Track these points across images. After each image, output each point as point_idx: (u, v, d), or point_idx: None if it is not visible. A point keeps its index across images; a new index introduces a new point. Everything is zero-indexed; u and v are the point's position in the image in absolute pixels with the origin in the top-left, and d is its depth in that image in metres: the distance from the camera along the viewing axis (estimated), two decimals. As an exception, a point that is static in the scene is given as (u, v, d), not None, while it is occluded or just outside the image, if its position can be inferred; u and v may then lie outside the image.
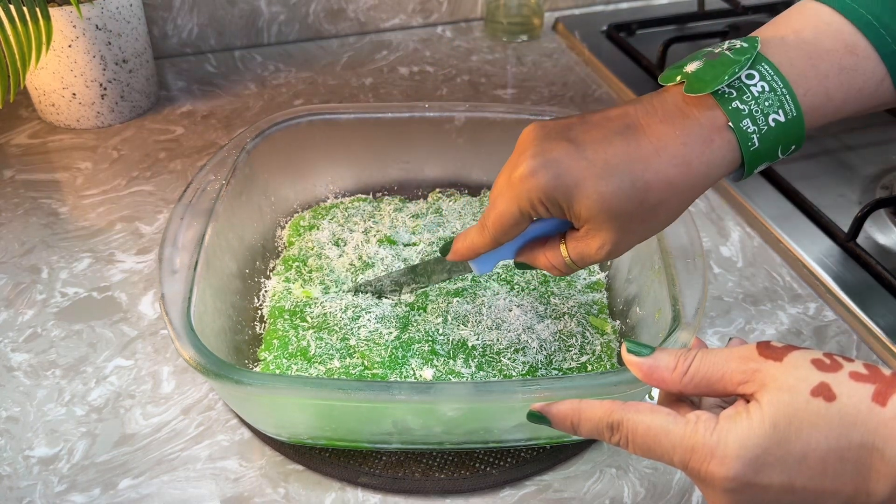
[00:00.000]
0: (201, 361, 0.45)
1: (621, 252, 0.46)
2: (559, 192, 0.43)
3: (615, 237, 0.44)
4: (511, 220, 0.46)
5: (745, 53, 0.42)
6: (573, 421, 0.42)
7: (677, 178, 0.42)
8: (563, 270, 0.48)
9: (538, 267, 0.49)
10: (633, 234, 0.45)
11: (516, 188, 0.44)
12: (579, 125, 0.44)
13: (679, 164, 0.42)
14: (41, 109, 0.84)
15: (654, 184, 0.42)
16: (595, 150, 0.43)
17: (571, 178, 0.42)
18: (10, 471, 0.51)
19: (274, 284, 0.61)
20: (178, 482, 0.51)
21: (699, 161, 0.42)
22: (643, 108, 0.44)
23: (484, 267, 0.52)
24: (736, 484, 0.36)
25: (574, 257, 0.47)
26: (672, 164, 0.42)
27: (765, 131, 0.42)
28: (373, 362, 0.54)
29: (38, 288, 0.65)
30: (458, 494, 0.51)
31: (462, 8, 1.06)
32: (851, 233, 0.68)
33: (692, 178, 0.42)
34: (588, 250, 0.46)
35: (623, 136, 0.43)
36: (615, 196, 0.42)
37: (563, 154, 0.43)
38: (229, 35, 0.98)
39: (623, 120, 0.43)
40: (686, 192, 0.43)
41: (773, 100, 0.42)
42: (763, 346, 0.38)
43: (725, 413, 0.37)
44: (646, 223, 0.44)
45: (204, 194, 0.57)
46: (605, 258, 0.46)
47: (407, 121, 0.68)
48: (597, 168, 0.42)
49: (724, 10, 1.04)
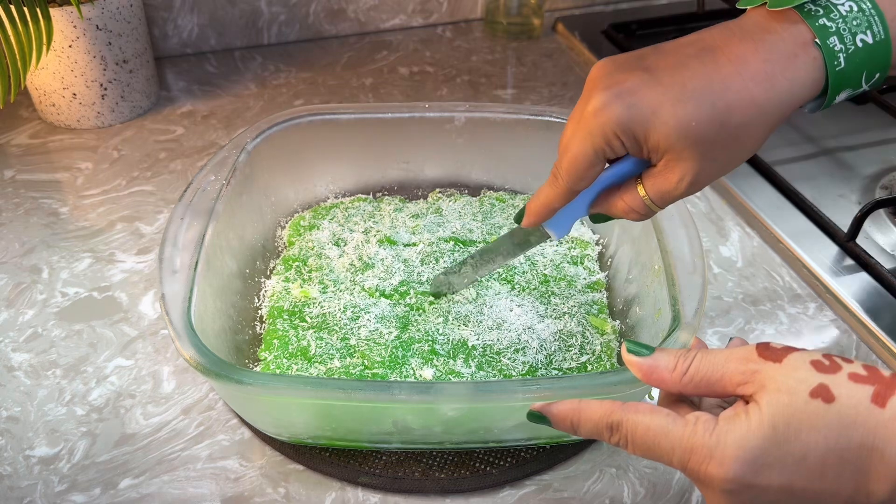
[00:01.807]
0: (202, 361, 0.45)
1: (702, 185, 0.43)
2: (635, 122, 0.41)
3: (696, 167, 0.42)
4: (586, 162, 0.43)
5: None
6: (573, 421, 0.42)
7: (760, 96, 0.40)
8: (643, 213, 0.45)
9: (615, 214, 0.47)
10: (715, 163, 0.42)
11: (589, 125, 0.42)
12: (652, 54, 0.42)
13: (761, 82, 0.40)
14: (42, 109, 0.84)
15: (736, 104, 0.40)
16: (671, 75, 0.41)
17: (647, 106, 0.40)
18: (11, 470, 0.51)
19: (273, 284, 0.61)
20: (179, 482, 0.51)
21: (783, 77, 0.40)
22: (720, 31, 0.41)
23: (560, 229, 0.49)
24: (735, 485, 0.36)
25: (654, 196, 0.44)
26: (754, 81, 0.40)
27: (852, 51, 0.40)
28: (373, 362, 0.54)
29: (38, 288, 0.65)
30: (458, 494, 0.51)
31: (462, 8, 1.06)
32: (851, 233, 0.68)
33: (775, 96, 0.40)
34: (667, 185, 0.43)
35: (699, 58, 0.41)
36: (695, 119, 0.40)
37: (637, 83, 0.41)
38: (229, 35, 0.98)
39: (699, 44, 0.41)
40: (769, 114, 0.41)
41: (862, 20, 0.40)
42: (762, 348, 0.38)
43: (724, 414, 0.37)
44: (728, 149, 0.41)
45: (204, 194, 0.57)
46: (685, 192, 0.43)
47: (407, 121, 0.68)
48: (673, 93, 0.40)
49: (724, 10, 1.04)
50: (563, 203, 0.46)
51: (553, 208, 0.47)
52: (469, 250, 0.64)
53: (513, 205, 0.69)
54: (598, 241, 0.66)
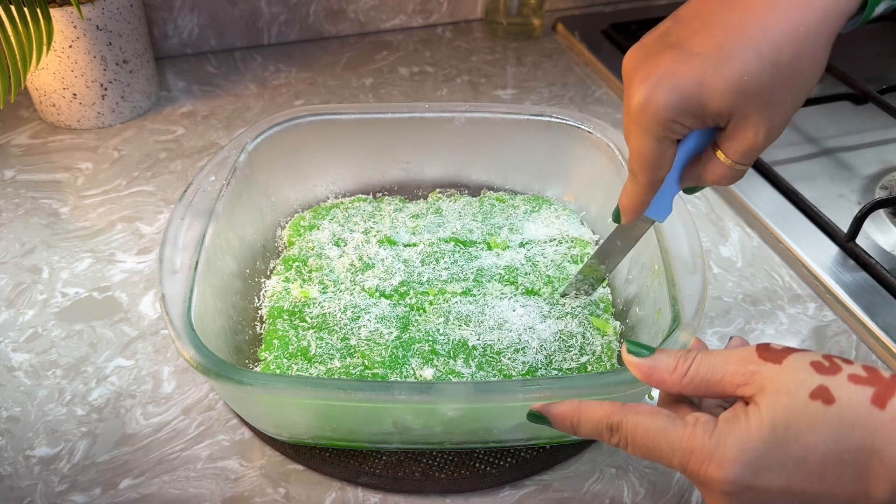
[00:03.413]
0: (202, 361, 0.45)
1: (780, 129, 0.41)
2: (685, 102, 0.40)
3: (764, 114, 0.40)
4: (654, 155, 0.42)
5: None
6: (573, 421, 0.42)
7: (801, 22, 0.38)
8: (732, 176, 0.44)
9: (707, 183, 0.45)
10: (784, 104, 0.40)
11: (640, 121, 0.41)
12: (674, 26, 0.41)
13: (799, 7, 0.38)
14: (42, 110, 0.84)
15: (780, 40, 0.38)
16: (701, 40, 0.39)
17: (691, 82, 0.39)
18: (11, 471, 0.51)
19: (273, 284, 0.61)
20: (179, 482, 0.51)
21: None
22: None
23: (661, 212, 0.49)
24: (734, 487, 0.36)
25: (736, 157, 0.42)
26: (790, 8, 0.38)
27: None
28: (373, 362, 0.54)
29: (38, 288, 0.65)
30: (458, 494, 0.51)
31: (462, 8, 1.06)
32: (851, 233, 0.68)
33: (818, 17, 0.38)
34: (745, 144, 0.41)
35: (723, 8, 0.39)
36: (745, 73, 0.38)
37: (671, 63, 0.40)
38: (230, 35, 0.98)
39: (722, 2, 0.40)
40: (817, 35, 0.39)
41: None
42: (762, 349, 0.38)
43: (724, 416, 0.37)
44: (790, 86, 0.40)
45: (204, 194, 0.57)
46: (766, 143, 0.41)
47: (407, 121, 0.68)
48: (713, 58, 0.39)
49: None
50: (652, 194, 0.46)
51: (643, 202, 0.46)
52: (469, 251, 0.64)
53: (512, 205, 0.69)
54: (598, 241, 0.66)
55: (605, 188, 0.66)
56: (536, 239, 0.65)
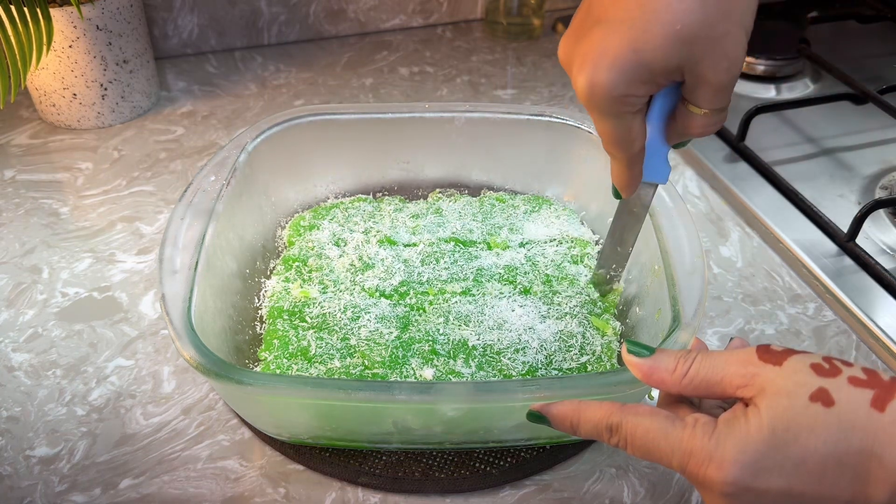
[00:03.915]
0: (202, 361, 0.45)
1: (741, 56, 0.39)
2: (628, 74, 0.39)
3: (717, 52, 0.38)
4: (621, 133, 0.42)
5: None
6: (573, 421, 0.42)
7: None
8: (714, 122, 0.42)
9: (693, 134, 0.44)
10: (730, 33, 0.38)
11: (593, 105, 0.40)
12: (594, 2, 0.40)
13: None
14: (42, 110, 0.84)
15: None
16: (622, 7, 0.38)
17: (626, 51, 0.38)
18: (11, 471, 0.51)
19: (273, 284, 0.61)
20: (179, 482, 0.51)
21: None
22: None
23: (659, 174, 0.48)
24: (734, 489, 0.36)
25: (707, 105, 0.41)
26: None
27: None
28: (373, 362, 0.54)
29: (38, 288, 0.65)
30: (458, 494, 0.51)
31: (462, 8, 1.06)
32: (851, 233, 0.68)
33: None
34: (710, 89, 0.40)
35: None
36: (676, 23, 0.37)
37: (601, 40, 0.39)
38: (230, 35, 0.98)
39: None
40: None
41: None
42: (763, 350, 0.38)
43: (724, 417, 0.37)
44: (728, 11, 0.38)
45: (204, 194, 0.57)
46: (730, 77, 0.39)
47: (407, 121, 0.68)
48: (637, 19, 0.38)
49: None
50: (639, 165, 0.45)
51: (633, 175, 0.46)
52: (469, 251, 0.64)
53: (512, 205, 0.69)
54: (598, 241, 0.66)
55: (605, 188, 0.65)
56: (536, 239, 0.65)
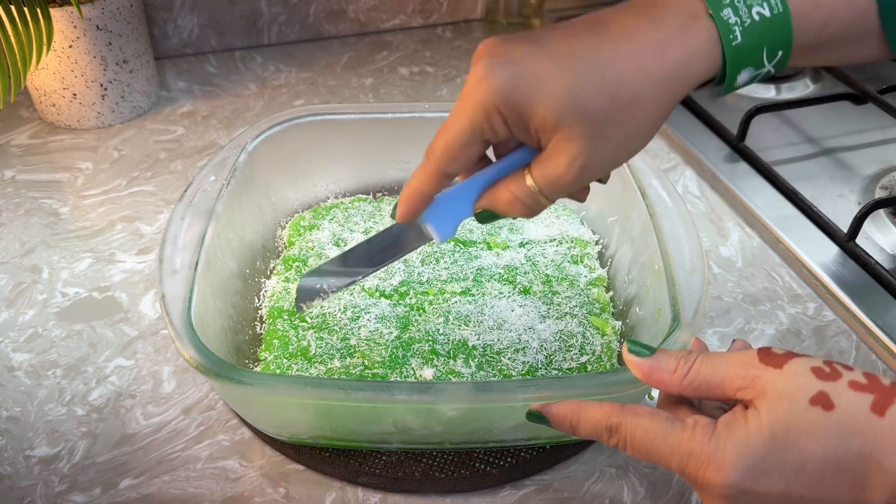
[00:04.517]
0: (202, 361, 0.45)
1: (595, 170, 0.40)
2: (518, 92, 0.38)
3: (587, 146, 0.38)
4: (461, 139, 0.40)
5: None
6: (572, 422, 0.42)
7: (652, 66, 0.38)
8: (530, 205, 0.41)
9: (499, 209, 0.43)
10: (608, 143, 0.39)
11: (468, 98, 0.39)
12: (544, 30, 0.40)
13: (653, 52, 0.38)
14: (42, 110, 0.84)
15: (626, 74, 0.38)
16: (559, 44, 0.38)
17: (532, 75, 0.38)
18: (11, 470, 0.51)
19: (273, 284, 0.61)
20: (179, 482, 0.51)
21: (675, 48, 0.38)
22: (614, 8, 0.40)
23: (444, 230, 0.44)
24: (733, 491, 0.36)
25: (542, 183, 0.40)
26: (645, 48, 0.38)
27: (748, 25, 0.38)
28: (373, 362, 0.54)
29: (38, 288, 0.65)
30: (458, 494, 0.51)
31: (462, 8, 1.06)
32: (851, 233, 0.68)
33: (668, 67, 0.38)
34: (557, 170, 0.39)
35: (590, 30, 0.39)
36: (583, 89, 0.37)
37: (522, 52, 0.38)
38: (230, 35, 0.98)
39: (590, 18, 0.40)
40: (663, 86, 0.38)
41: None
42: (764, 353, 0.38)
43: (724, 419, 0.37)
44: (622, 127, 0.39)
45: (204, 194, 0.57)
46: (577, 178, 0.39)
47: (407, 121, 0.68)
48: (561, 61, 0.38)
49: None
50: (435, 187, 0.42)
51: (425, 194, 0.42)
52: (469, 251, 0.64)
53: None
54: (598, 241, 0.66)
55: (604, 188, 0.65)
56: (536, 239, 0.65)
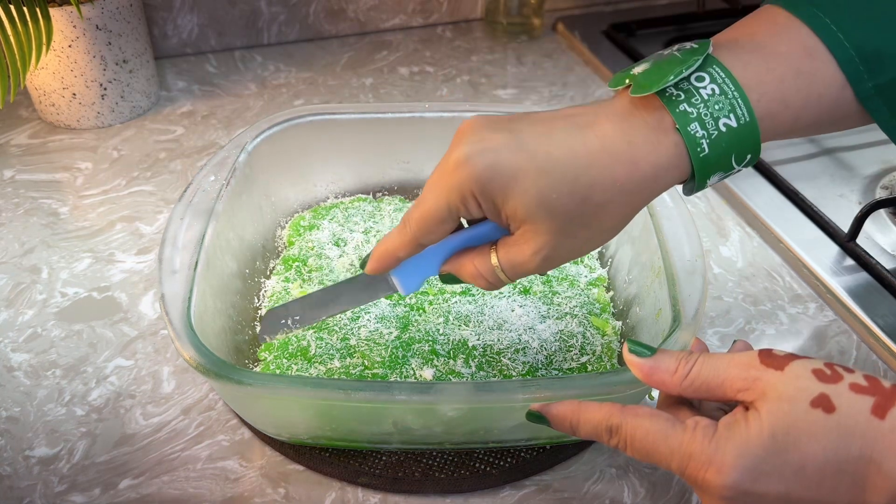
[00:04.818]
0: (201, 361, 0.45)
1: (558, 261, 0.42)
2: (494, 183, 0.40)
3: (553, 241, 0.41)
4: (437, 216, 0.42)
5: (695, 54, 0.39)
6: (572, 422, 0.42)
7: (623, 177, 0.39)
8: (491, 281, 0.44)
9: (463, 278, 0.45)
10: (574, 240, 0.41)
11: (447, 178, 0.41)
12: (523, 119, 0.41)
13: (625, 163, 0.39)
14: (41, 109, 0.84)
15: (598, 182, 0.39)
16: (537, 141, 0.40)
17: (509, 169, 0.39)
18: (10, 471, 0.51)
19: (273, 284, 0.61)
20: (178, 482, 0.51)
21: (646, 162, 0.39)
22: (591, 109, 0.41)
23: (409, 284, 0.47)
24: (733, 492, 0.36)
25: (505, 265, 0.43)
26: (618, 161, 0.39)
27: (715, 136, 0.39)
28: (373, 362, 0.54)
29: (38, 288, 0.65)
30: (458, 494, 0.51)
31: (462, 8, 1.06)
32: (851, 233, 0.68)
33: (639, 179, 0.40)
34: (521, 256, 0.42)
35: (568, 131, 0.40)
36: (556, 192, 0.39)
37: (502, 144, 0.40)
38: (229, 35, 0.98)
39: (569, 119, 0.41)
40: (633, 195, 0.40)
41: (724, 103, 0.39)
42: (764, 354, 0.38)
43: (724, 420, 0.37)
44: (588, 227, 0.41)
45: (204, 194, 0.57)
46: (539, 266, 0.42)
47: (407, 121, 0.68)
48: (538, 160, 0.39)
49: (724, 10, 1.04)
50: (408, 254, 0.44)
51: (398, 257, 0.45)
52: None
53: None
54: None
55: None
56: (536, 239, 0.65)
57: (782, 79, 0.39)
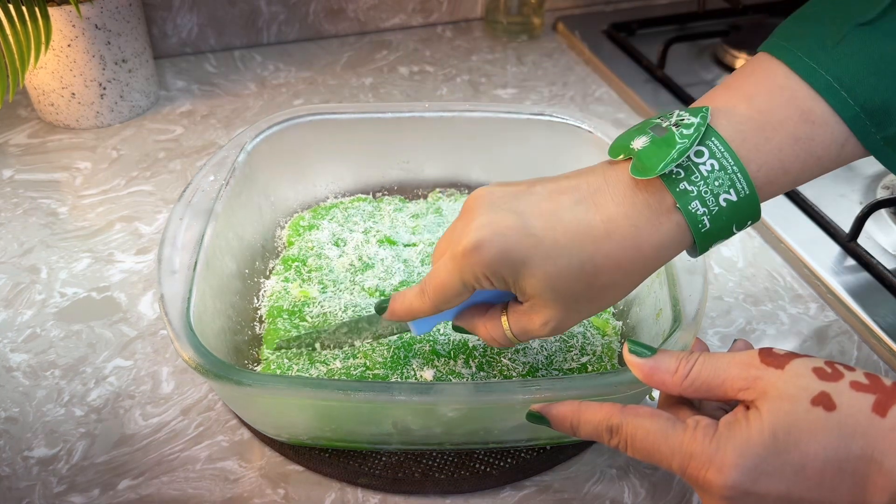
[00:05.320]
0: (201, 362, 0.45)
1: (565, 329, 0.44)
2: (505, 268, 0.41)
3: (560, 315, 0.43)
4: (453, 292, 0.44)
5: (693, 129, 0.39)
6: (573, 422, 0.42)
7: (627, 261, 0.41)
8: (503, 343, 0.47)
9: (476, 335, 0.48)
10: (579, 313, 0.43)
11: (459, 261, 0.42)
12: (529, 195, 0.42)
13: (629, 248, 0.40)
14: (40, 109, 0.84)
15: (604, 266, 0.41)
16: (544, 226, 0.41)
17: (518, 255, 0.41)
18: (10, 471, 0.51)
19: (273, 285, 0.61)
20: (178, 483, 0.51)
21: (649, 244, 0.40)
22: (595, 182, 0.42)
23: (422, 327, 0.50)
24: (733, 492, 0.36)
25: (516, 331, 0.45)
26: (622, 246, 0.40)
27: (716, 212, 0.39)
28: (374, 362, 0.54)
29: (37, 288, 0.65)
30: (458, 494, 0.51)
31: (462, 8, 1.06)
32: (852, 233, 0.68)
33: (642, 260, 0.41)
34: (531, 325, 0.44)
35: (573, 211, 0.41)
36: (563, 276, 0.41)
37: (511, 228, 0.41)
38: (229, 35, 0.98)
39: (574, 194, 0.42)
40: (636, 274, 0.42)
41: (724, 178, 0.39)
42: (765, 353, 0.38)
43: (725, 420, 0.37)
44: (593, 303, 0.43)
45: (203, 194, 0.57)
46: (548, 335, 0.44)
47: (407, 121, 0.68)
48: (545, 247, 0.41)
49: (725, 9, 1.04)
50: (427, 315, 0.47)
51: (415, 316, 0.48)
52: None
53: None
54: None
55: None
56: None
57: (780, 147, 0.40)
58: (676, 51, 0.96)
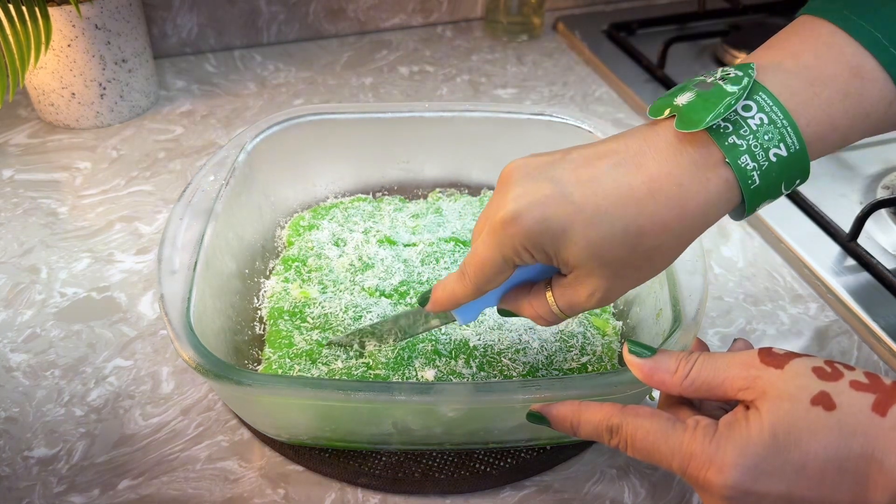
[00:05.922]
0: (201, 362, 0.45)
1: (614, 299, 0.43)
2: (545, 238, 0.40)
3: (606, 284, 0.41)
4: (494, 269, 0.42)
5: (740, 83, 0.38)
6: (573, 422, 0.42)
7: (672, 221, 0.39)
8: (551, 320, 0.45)
9: (523, 316, 0.46)
10: (627, 280, 0.42)
11: (498, 234, 0.41)
12: (565, 163, 0.41)
13: (674, 207, 0.39)
14: (40, 109, 0.84)
15: (649, 228, 0.39)
16: (584, 192, 0.39)
17: (559, 224, 0.39)
18: (9, 471, 0.51)
19: (273, 285, 0.61)
20: (178, 483, 0.51)
21: (695, 202, 0.39)
22: (635, 144, 0.40)
23: (467, 316, 0.48)
24: (734, 492, 0.36)
25: (562, 306, 0.43)
26: (667, 206, 0.39)
27: (766, 167, 0.38)
28: (377, 362, 0.54)
29: (37, 288, 0.65)
30: (458, 494, 0.51)
31: (462, 7, 1.06)
32: (852, 233, 0.68)
33: (688, 219, 0.39)
34: (577, 298, 0.42)
35: (613, 175, 0.39)
36: (606, 242, 0.39)
37: (549, 197, 0.39)
38: (229, 34, 0.98)
39: (613, 157, 0.40)
40: (683, 235, 0.40)
41: (774, 133, 0.37)
42: (764, 353, 0.38)
43: (725, 420, 0.37)
44: (640, 269, 0.41)
45: (203, 194, 0.57)
46: (596, 306, 0.43)
47: (407, 121, 0.68)
48: (586, 213, 0.39)
49: (725, 9, 1.04)
50: (470, 300, 0.45)
51: (459, 302, 0.46)
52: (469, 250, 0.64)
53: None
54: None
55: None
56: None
57: (830, 102, 0.38)
58: (676, 51, 0.96)
